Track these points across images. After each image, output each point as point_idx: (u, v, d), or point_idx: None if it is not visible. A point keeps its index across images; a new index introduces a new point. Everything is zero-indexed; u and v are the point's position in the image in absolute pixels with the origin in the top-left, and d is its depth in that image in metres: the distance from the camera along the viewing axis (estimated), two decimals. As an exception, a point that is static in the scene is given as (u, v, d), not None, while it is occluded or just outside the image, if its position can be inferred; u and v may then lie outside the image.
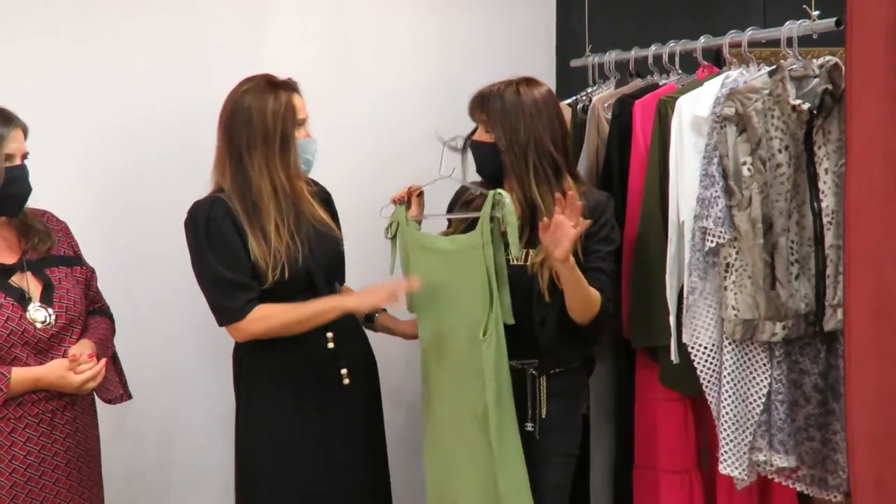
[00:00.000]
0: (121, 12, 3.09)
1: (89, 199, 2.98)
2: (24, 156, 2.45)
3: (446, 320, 2.59)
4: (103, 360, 2.50)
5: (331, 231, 2.70)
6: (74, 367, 2.43)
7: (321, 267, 2.64)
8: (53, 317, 2.46)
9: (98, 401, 2.62)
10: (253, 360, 2.68)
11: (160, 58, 3.05)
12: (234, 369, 2.74)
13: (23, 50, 2.98)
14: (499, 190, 2.47)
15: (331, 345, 2.63)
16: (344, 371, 2.65)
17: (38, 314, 2.44)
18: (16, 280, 2.45)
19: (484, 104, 2.58)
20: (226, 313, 2.57)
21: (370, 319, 2.87)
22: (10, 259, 2.46)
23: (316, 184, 2.80)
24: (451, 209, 2.77)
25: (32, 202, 2.51)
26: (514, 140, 2.54)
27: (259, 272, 2.55)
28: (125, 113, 3.02)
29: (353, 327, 2.74)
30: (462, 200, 2.74)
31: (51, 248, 2.53)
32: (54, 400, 2.45)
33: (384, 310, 2.86)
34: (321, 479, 2.66)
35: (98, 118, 3.06)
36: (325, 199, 2.81)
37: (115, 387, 2.61)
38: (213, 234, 2.55)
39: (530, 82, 2.62)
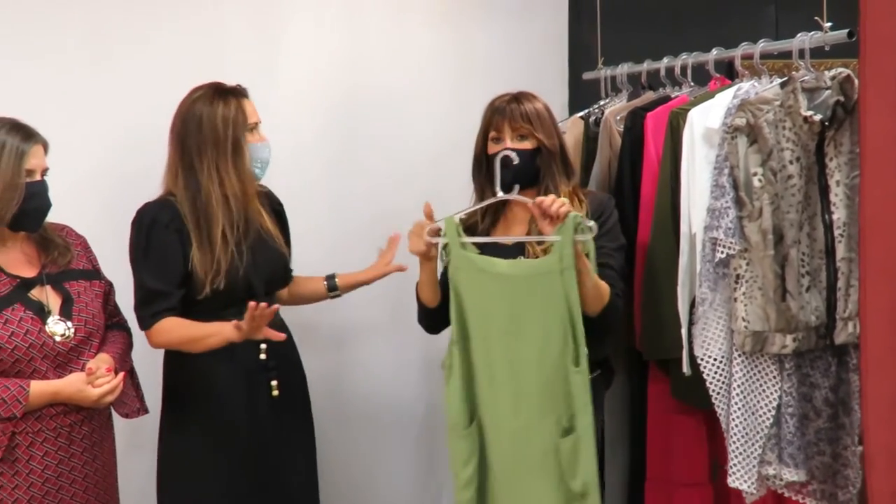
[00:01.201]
0: (135, 29, 3.13)
1: (106, 214, 3.00)
2: (44, 171, 2.47)
3: (506, 350, 2.44)
4: (121, 374, 2.51)
5: (276, 243, 2.73)
6: (92, 380, 2.44)
7: (263, 278, 2.68)
8: (73, 330, 2.48)
9: (115, 415, 2.64)
10: (183, 366, 2.70)
11: (175, 73, 3.06)
12: (163, 372, 2.76)
13: (39, 66, 3.02)
14: (575, 213, 2.41)
15: (263, 356, 2.65)
16: (274, 382, 2.68)
17: (57, 327, 2.46)
18: (35, 293, 2.47)
19: (524, 112, 2.59)
20: (139, 320, 2.64)
21: (333, 289, 2.89)
22: (30, 273, 2.49)
23: (270, 196, 2.84)
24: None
25: (51, 217, 2.54)
26: (552, 142, 2.60)
27: (197, 281, 2.59)
28: (141, 128, 3.04)
29: (286, 341, 2.74)
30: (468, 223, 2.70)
31: (70, 262, 2.56)
32: (72, 414, 2.47)
33: (333, 275, 2.87)
34: (247, 488, 2.68)
35: (114, 134, 3.10)
36: (277, 209, 2.84)
37: (132, 401, 2.62)
38: (151, 240, 2.61)
39: (534, 93, 2.67)
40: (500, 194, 2.54)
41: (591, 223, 2.39)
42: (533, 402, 2.43)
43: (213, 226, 2.60)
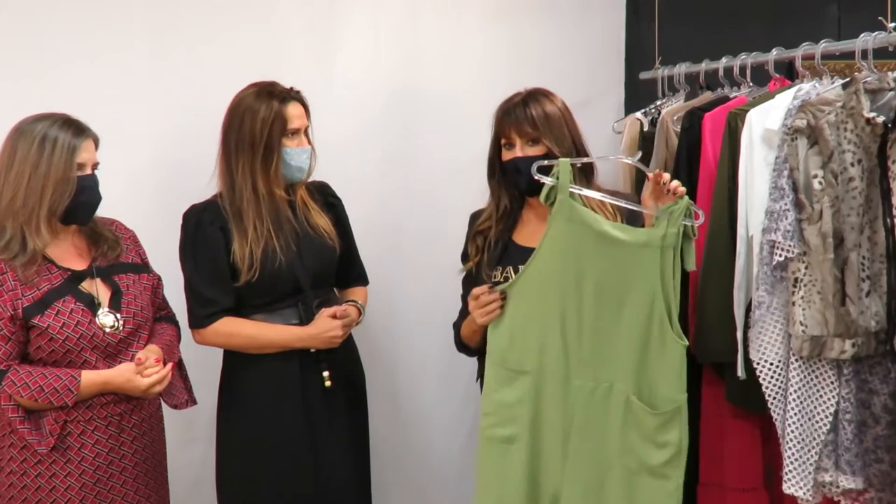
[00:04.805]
0: (195, 30, 3.18)
1: (157, 210, 3.05)
2: (95, 166, 2.51)
3: (584, 308, 2.37)
4: (169, 365, 2.55)
5: (324, 239, 2.75)
6: (141, 370, 2.48)
7: (310, 272, 2.70)
8: (121, 322, 2.51)
9: (165, 406, 2.66)
10: (238, 358, 2.73)
11: (233, 73, 3.08)
12: (222, 364, 2.80)
13: (100, 66, 3.07)
14: (688, 200, 2.37)
15: (313, 349, 2.70)
16: (326, 373, 2.71)
17: (106, 319, 2.49)
18: (86, 286, 2.50)
19: (530, 117, 2.51)
20: (192, 318, 2.70)
21: None
22: (80, 265, 2.52)
23: (324, 189, 2.85)
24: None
25: (106, 212, 2.57)
26: (561, 148, 2.51)
27: (238, 273, 2.64)
28: (197, 128, 3.06)
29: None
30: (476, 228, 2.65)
31: (119, 256, 2.59)
32: (122, 403, 2.51)
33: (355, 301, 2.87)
34: (300, 477, 2.69)
35: (170, 133, 3.15)
36: (331, 203, 2.85)
37: (181, 392, 2.66)
38: (198, 241, 2.66)
39: (547, 92, 2.59)
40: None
41: (701, 211, 2.36)
42: (605, 367, 2.37)
43: (246, 221, 2.65)
